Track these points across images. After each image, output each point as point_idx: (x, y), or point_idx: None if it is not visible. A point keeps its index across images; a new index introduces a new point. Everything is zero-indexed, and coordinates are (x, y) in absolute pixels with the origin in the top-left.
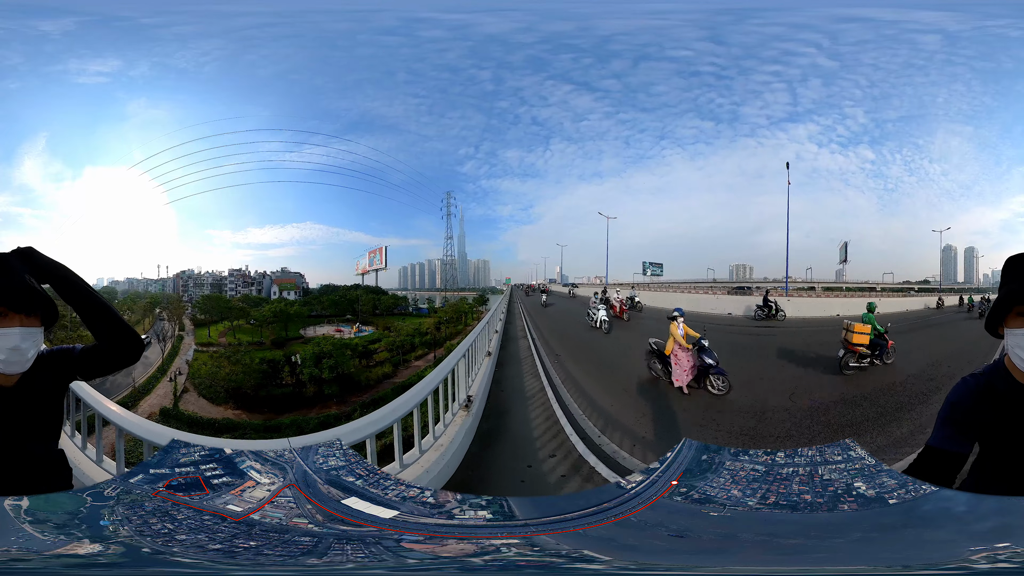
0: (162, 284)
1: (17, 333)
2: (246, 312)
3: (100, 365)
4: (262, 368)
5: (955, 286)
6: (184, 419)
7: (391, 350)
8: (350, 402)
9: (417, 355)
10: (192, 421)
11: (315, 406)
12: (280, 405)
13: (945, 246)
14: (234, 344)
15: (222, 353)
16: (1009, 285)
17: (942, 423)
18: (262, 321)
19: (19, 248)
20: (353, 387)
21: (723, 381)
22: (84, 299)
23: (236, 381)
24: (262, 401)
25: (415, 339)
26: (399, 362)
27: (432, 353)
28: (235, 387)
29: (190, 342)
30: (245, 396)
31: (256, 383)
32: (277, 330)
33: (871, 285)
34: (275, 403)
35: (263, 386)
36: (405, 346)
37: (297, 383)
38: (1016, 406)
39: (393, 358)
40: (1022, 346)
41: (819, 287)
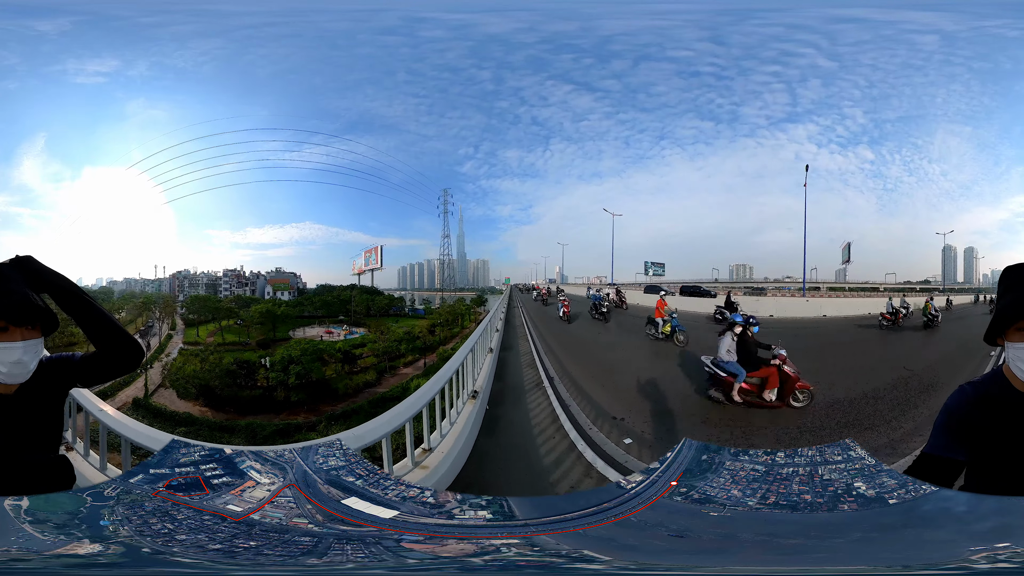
0: (159, 284)
1: (20, 347)
2: (233, 312)
3: (100, 372)
4: (231, 368)
5: (955, 286)
6: (150, 410)
7: (378, 355)
8: (321, 411)
9: (406, 361)
10: (156, 412)
11: (282, 412)
12: (246, 407)
13: (945, 246)
14: (208, 344)
15: (194, 352)
16: (1007, 297)
17: (939, 430)
18: (249, 322)
19: (17, 257)
20: (328, 395)
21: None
22: (83, 307)
23: (203, 379)
24: (228, 401)
25: (401, 345)
26: (385, 369)
27: (423, 360)
28: (204, 385)
29: (178, 340)
30: (214, 395)
31: (223, 383)
32: (265, 331)
33: (874, 285)
34: (241, 404)
35: (230, 386)
36: (392, 352)
37: (268, 387)
38: (1014, 415)
39: (379, 365)
40: (1023, 359)
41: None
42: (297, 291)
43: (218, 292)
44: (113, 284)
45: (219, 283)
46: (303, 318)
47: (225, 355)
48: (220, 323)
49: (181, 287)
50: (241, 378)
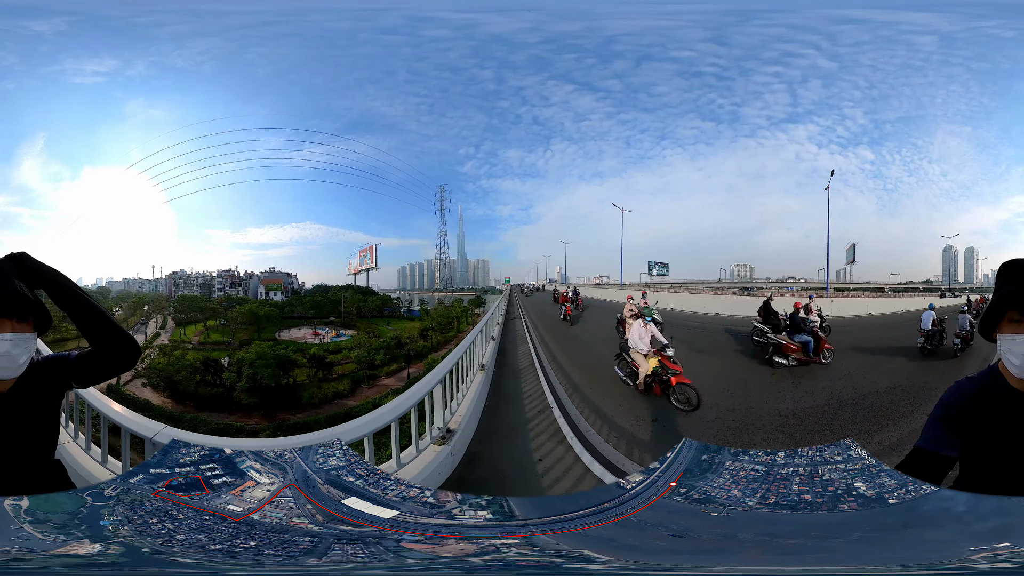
0: (155, 284)
1: (8, 339)
2: (218, 312)
3: (96, 371)
4: (195, 365)
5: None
6: (119, 395)
7: (360, 362)
8: (276, 418)
9: (389, 370)
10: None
11: (237, 413)
12: (205, 403)
13: (945, 246)
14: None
15: (165, 348)
16: (1002, 290)
17: (932, 425)
18: (232, 322)
19: (11, 254)
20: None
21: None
22: (78, 304)
23: (167, 372)
24: (189, 396)
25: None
26: (363, 379)
27: (407, 370)
28: (168, 377)
29: (164, 339)
30: (179, 389)
31: (183, 377)
32: (250, 331)
33: (879, 285)
34: (201, 400)
35: (188, 381)
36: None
37: (228, 387)
38: (1008, 410)
39: (357, 373)
40: (1014, 351)
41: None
42: (291, 291)
43: (212, 292)
44: (112, 284)
45: (213, 283)
46: (292, 319)
47: (189, 352)
48: (207, 323)
49: (176, 287)
50: (203, 374)
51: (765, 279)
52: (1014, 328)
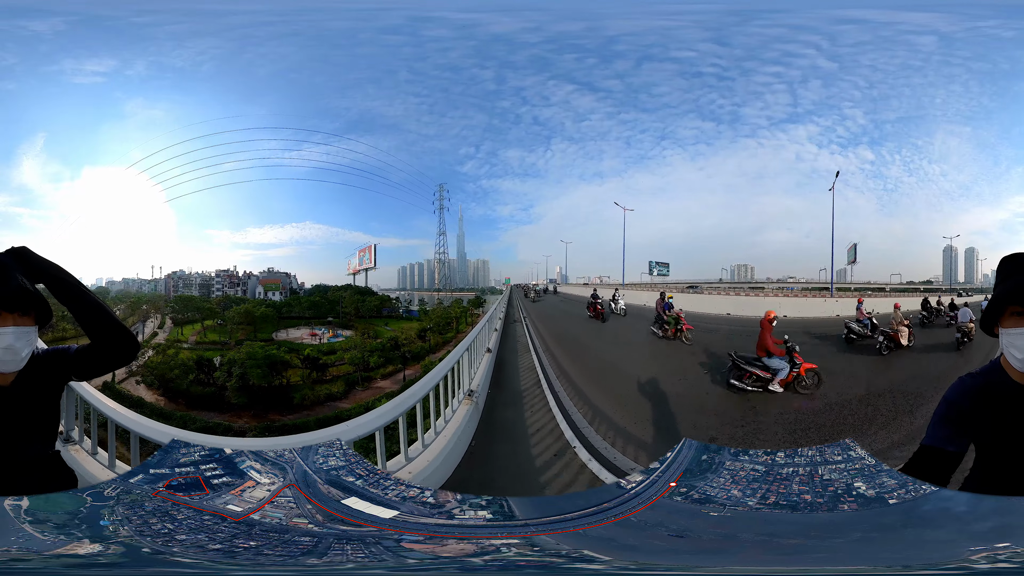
0: (155, 284)
1: (10, 333)
2: (214, 312)
3: (96, 365)
4: (187, 364)
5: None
6: (113, 391)
7: (355, 364)
8: (266, 419)
9: (384, 372)
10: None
11: (228, 412)
12: (196, 402)
13: (946, 247)
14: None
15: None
16: (1003, 285)
17: (938, 422)
18: (229, 322)
19: (12, 248)
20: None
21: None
22: (78, 299)
23: (160, 371)
24: (181, 394)
25: (372, 357)
26: (358, 380)
27: (403, 372)
28: (162, 375)
29: (161, 338)
30: (171, 388)
31: (176, 375)
32: (247, 331)
33: (880, 285)
34: (193, 399)
35: (180, 379)
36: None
37: (220, 386)
38: (1012, 405)
39: (352, 375)
40: (1016, 345)
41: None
42: (289, 291)
43: (211, 292)
44: (112, 284)
45: (212, 283)
46: (289, 319)
47: (183, 351)
48: (204, 323)
49: (175, 287)
50: (195, 373)
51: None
52: (1015, 322)
